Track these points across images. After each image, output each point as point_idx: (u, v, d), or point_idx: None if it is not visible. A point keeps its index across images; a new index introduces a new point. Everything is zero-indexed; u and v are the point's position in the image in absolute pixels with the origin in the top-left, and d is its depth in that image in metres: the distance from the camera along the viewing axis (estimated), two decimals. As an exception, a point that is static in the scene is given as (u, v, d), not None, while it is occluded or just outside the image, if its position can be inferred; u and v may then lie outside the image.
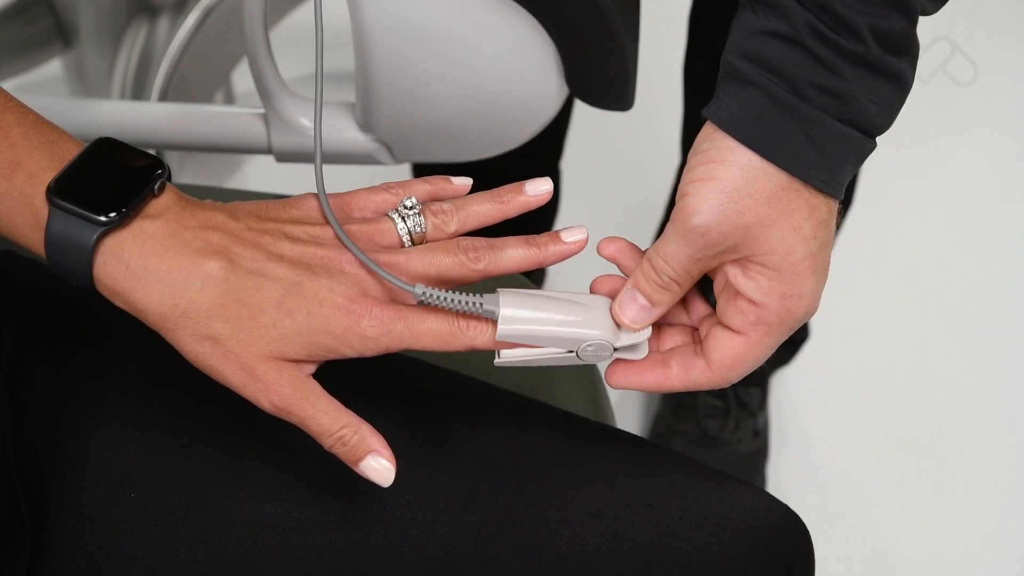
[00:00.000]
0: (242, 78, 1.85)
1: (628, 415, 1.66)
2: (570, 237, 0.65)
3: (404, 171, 1.62)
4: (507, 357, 0.63)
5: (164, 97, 1.56)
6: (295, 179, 1.51)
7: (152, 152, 0.66)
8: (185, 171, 1.75)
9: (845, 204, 1.43)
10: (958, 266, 1.83)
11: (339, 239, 0.62)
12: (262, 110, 0.98)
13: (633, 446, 0.72)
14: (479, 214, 0.66)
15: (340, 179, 1.59)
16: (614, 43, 0.86)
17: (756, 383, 1.59)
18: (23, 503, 0.65)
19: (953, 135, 1.84)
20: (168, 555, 0.65)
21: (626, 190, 1.94)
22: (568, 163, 1.61)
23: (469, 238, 0.64)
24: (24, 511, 0.65)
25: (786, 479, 1.60)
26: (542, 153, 1.51)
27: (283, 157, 1.00)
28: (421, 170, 1.54)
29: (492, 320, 0.61)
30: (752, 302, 0.63)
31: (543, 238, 0.65)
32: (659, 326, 0.69)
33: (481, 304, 0.60)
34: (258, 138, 0.99)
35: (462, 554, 0.65)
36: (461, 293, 0.61)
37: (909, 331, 1.77)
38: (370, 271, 0.61)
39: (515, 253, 0.64)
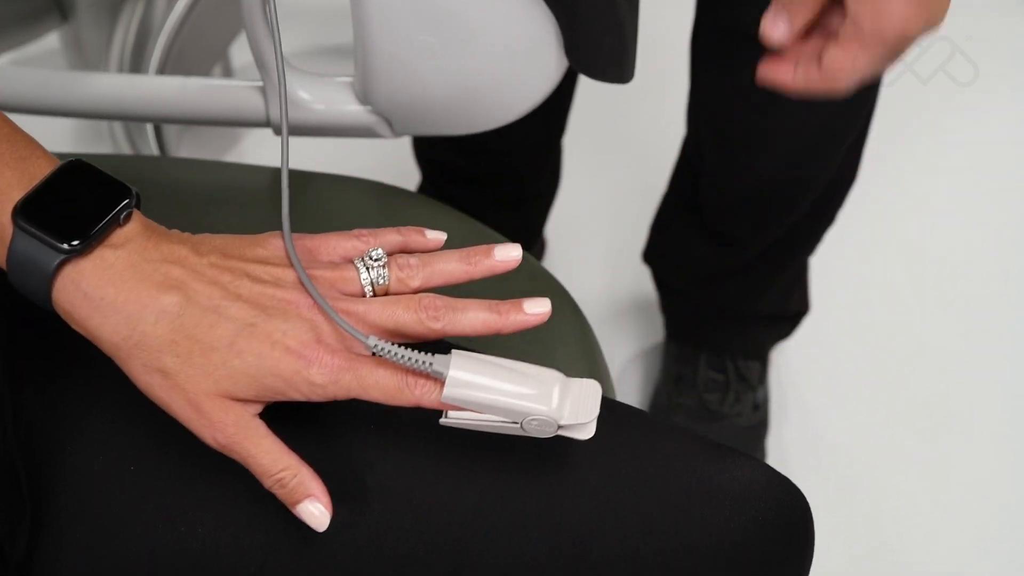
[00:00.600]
0: (240, 52, 1.85)
1: (628, 388, 1.67)
2: (532, 309, 0.65)
3: (404, 144, 1.62)
4: (453, 418, 0.63)
5: (162, 71, 1.55)
6: (293, 152, 1.51)
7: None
8: (183, 145, 1.74)
9: (849, 180, 1.43)
10: (959, 243, 1.83)
11: (301, 282, 0.63)
12: (260, 83, 0.98)
13: (633, 419, 0.72)
14: (444, 273, 0.66)
15: (341, 153, 1.59)
16: (613, 14, 0.86)
17: (756, 356, 1.59)
18: (23, 477, 0.66)
19: (953, 135, 1.85)
20: (167, 529, 0.65)
21: (628, 166, 1.94)
22: (570, 139, 1.61)
23: (432, 296, 0.64)
24: (24, 484, 0.66)
25: (786, 452, 1.60)
26: (544, 130, 1.51)
27: (281, 130, 1.00)
28: (421, 143, 1.53)
29: (441, 381, 0.61)
30: (851, 18, 0.72)
31: (506, 305, 0.64)
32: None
33: (431, 364, 0.61)
34: (256, 111, 0.99)
35: (462, 526, 0.65)
36: (414, 350, 0.61)
37: (910, 305, 1.77)
38: (327, 317, 0.62)
39: (475, 317, 0.64)
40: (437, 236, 0.70)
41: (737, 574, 0.67)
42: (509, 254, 0.67)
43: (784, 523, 0.69)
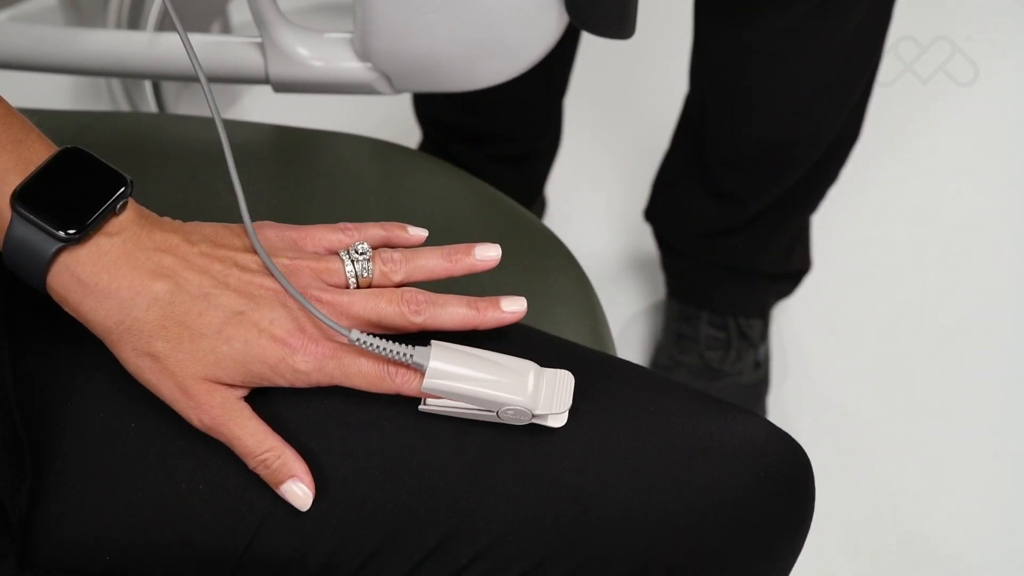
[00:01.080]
0: (239, 8, 1.84)
1: (630, 347, 1.67)
2: (509, 307, 0.68)
3: (404, 101, 1.62)
4: (431, 405, 0.66)
5: (160, 28, 1.55)
6: (292, 110, 1.51)
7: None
8: (182, 102, 1.74)
9: (852, 138, 1.43)
10: (961, 202, 1.83)
11: (280, 274, 0.65)
12: (259, 39, 0.98)
13: (634, 375, 0.72)
14: (426, 269, 0.69)
15: (341, 111, 1.59)
16: (615, -31, 0.85)
17: (758, 314, 1.59)
18: (23, 435, 0.66)
19: (953, 135, 1.85)
20: (168, 485, 0.65)
21: (630, 124, 1.93)
22: (571, 98, 1.60)
23: (414, 291, 0.66)
24: (24, 442, 0.66)
25: (787, 409, 1.61)
26: (545, 88, 1.51)
27: (281, 87, 1.00)
28: (422, 100, 1.53)
29: (421, 371, 0.64)
30: None
31: (484, 303, 0.67)
32: None
33: (411, 356, 0.63)
34: (255, 68, 0.99)
35: (461, 483, 0.66)
36: (394, 342, 0.64)
37: (910, 263, 1.78)
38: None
39: (454, 312, 0.67)
40: (419, 233, 0.72)
41: (738, 529, 0.67)
42: (488, 254, 0.70)
43: (785, 478, 0.69)
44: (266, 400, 0.66)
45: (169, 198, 0.70)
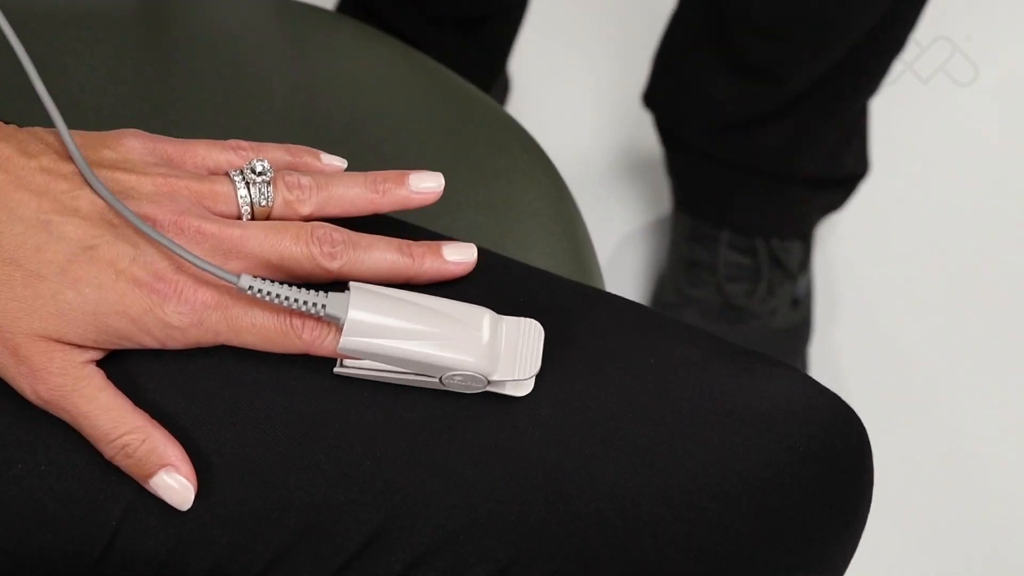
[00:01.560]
0: None
1: (622, 278, 1.68)
2: (453, 256, 0.69)
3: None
4: (351, 367, 0.66)
5: None
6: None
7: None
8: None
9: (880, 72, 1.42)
10: (961, 202, 1.86)
11: (162, 193, 0.64)
12: None
13: (627, 316, 0.72)
14: (343, 200, 0.69)
15: None
16: None
17: (796, 235, 1.59)
18: None
19: (953, 135, 1.94)
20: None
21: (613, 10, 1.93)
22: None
23: (330, 227, 0.66)
24: None
25: (836, 363, 1.62)
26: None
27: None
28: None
29: (337, 325, 0.63)
30: None
31: (420, 248, 0.68)
32: None
33: (323, 307, 0.63)
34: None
35: (397, 461, 0.66)
36: (300, 289, 0.63)
37: (997, 165, 1.79)
38: (192, 239, 0.63)
39: (381, 258, 0.67)
40: (334, 162, 0.72)
41: (769, 521, 0.68)
42: (425, 184, 0.70)
43: (831, 453, 0.70)
44: (126, 356, 0.66)
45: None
